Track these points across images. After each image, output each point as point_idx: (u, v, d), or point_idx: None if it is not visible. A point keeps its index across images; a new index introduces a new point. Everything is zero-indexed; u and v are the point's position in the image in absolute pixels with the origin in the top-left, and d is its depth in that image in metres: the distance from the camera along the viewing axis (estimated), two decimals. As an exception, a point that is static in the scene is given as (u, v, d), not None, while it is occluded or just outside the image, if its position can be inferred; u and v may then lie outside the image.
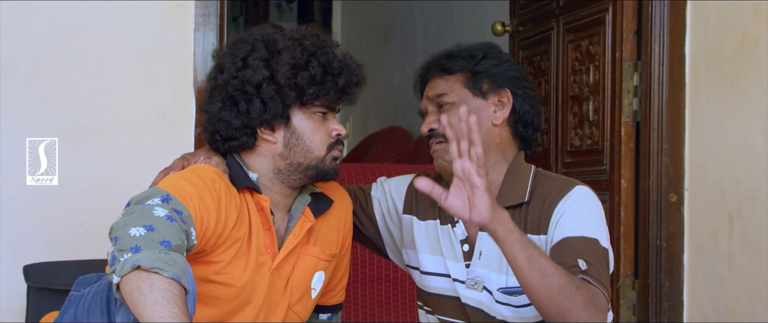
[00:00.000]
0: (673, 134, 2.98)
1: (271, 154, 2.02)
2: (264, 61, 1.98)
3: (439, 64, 2.16)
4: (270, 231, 2.02)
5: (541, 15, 3.52)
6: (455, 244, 2.14)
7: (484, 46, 2.18)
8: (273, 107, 1.98)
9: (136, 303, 1.67)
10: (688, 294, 2.96)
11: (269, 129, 2.01)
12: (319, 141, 2.02)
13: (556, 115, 3.38)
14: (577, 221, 2.03)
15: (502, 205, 2.06)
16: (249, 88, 1.98)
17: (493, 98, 2.14)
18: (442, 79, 2.15)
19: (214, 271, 1.95)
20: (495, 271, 2.09)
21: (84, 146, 2.79)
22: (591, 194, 2.10)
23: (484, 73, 2.13)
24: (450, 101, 2.12)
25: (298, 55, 1.98)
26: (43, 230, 2.77)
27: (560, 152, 3.36)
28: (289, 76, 1.97)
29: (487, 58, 2.14)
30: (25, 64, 2.77)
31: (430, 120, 2.14)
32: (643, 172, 3.02)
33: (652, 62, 3.00)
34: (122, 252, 1.72)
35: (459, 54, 2.16)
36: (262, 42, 2.00)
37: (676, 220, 2.98)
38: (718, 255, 2.84)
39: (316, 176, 2.04)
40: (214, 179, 1.95)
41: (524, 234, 1.91)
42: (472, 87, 2.13)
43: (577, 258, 1.96)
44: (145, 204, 1.81)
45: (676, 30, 2.98)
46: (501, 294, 2.08)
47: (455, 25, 5.07)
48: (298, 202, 2.07)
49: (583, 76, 3.25)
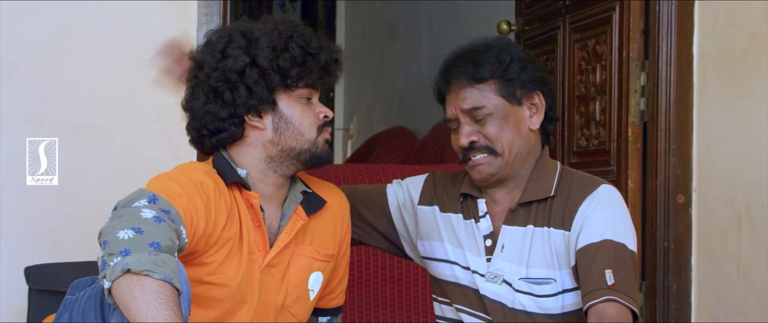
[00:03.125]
0: (680, 134, 2.97)
1: (261, 142, 2.02)
2: (243, 49, 1.98)
3: (466, 73, 2.12)
4: (261, 228, 2.00)
5: (547, 14, 3.52)
6: (478, 239, 2.14)
7: (505, 46, 2.15)
8: (258, 91, 1.98)
9: (128, 307, 1.66)
10: (696, 296, 2.95)
11: (257, 115, 2.00)
12: (308, 123, 2.02)
13: (562, 115, 3.37)
14: (604, 225, 2.03)
15: (528, 199, 2.11)
16: (232, 76, 1.97)
17: (527, 102, 2.14)
18: (473, 89, 2.11)
19: (208, 272, 1.94)
20: (515, 263, 2.10)
21: (84, 146, 2.80)
22: (616, 194, 2.10)
23: (515, 79, 2.12)
24: (488, 112, 2.10)
25: (276, 39, 1.99)
26: (43, 231, 2.77)
27: (566, 153, 3.37)
28: (270, 58, 1.97)
29: (514, 61, 2.12)
30: (25, 63, 2.78)
31: (468, 131, 2.11)
32: (651, 173, 3.02)
33: (659, 62, 2.99)
34: (111, 256, 1.71)
35: (486, 59, 2.12)
36: (239, 32, 2.01)
37: (683, 221, 2.98)
38: (726, 257, 2.84)
39: (310, 160, 2.03)
40: (203, 178, 1.94)
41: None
42: (506, 95, 2.11)
43: (605, 270, 1.97)
44: (132, 207, 1.80)
45: (684, 29, 2.97)
46: (522, 282, 2.09)
47: (460, 24, 5.04)
48: (290, 200, 2.06)
49: (589, 76, 3.25)
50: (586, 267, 2.00)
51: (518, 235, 2.11)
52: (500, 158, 2.10)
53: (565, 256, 2.08)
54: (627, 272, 1.99)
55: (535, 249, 2.10)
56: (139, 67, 2.75)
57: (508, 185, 2.15)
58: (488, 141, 2.10)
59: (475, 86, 2.11)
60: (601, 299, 1.96)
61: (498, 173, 2.11)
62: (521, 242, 2.11)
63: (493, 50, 2.13)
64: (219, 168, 2.01)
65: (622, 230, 2.04)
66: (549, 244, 2.09)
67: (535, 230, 2.10)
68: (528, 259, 2.09)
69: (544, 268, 2.09)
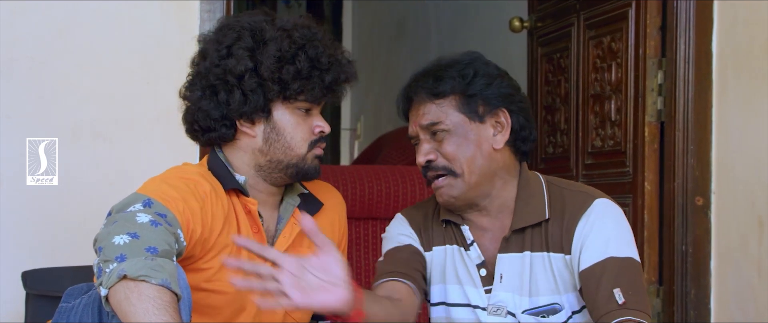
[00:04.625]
0: (699, 134, 2.95)
1: (250, 149, 2.00)
2: (249, 52, 1.95)
3: (427, 87, 2.06)
4: (259, 234, 2.00)
5: (561, 10, 3.50)
6: (471, 269, 2.09)
7: (472, 61, 2.08)
8: (254, 100, 1.95)
9: (126, 314, 1.65)
10: (716, 302, 2.93)
11: (249, 122, 1.99)
12: (300, 138, 1.99)
13: (576, 115, 3.36)
14: (605, 242, 2.00)
15: (521, 225, 2.06)
16: (230, 78, 1.95)
17: (490, 119, 2.06)
18: (432, 104, 2.06)
19: (205, 279, 1.93)
20: (517, 293, 2.05)
21: (84, 147, 2.79)
22: (612, 206, 2.06)
23: (477, 95, 2.05)
24: (446, 128, 2.04)
25: (285, 48, 1.95)
26: (41, 234, 2.77)
27: (581, 154, 3.35)
28: (273, 69, 1.94)
29: (478, 76, 2.05)
30: (24, 62, 2.77)
31: (426, 149, 2.06)
32: (668, 174, 3.00)
33: (677, 59, 2.97)
34: (107, 263, 1.70)
35: (448, 74, 2.06)
36: (249, 31, 1.97)
37: (702, 224, 2.95)
38: (747, 261, 2.81)
39: (297, 174, 2.01)
40: (198, 181, 1.93)
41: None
42: (467, 111, 2.04)
43: (613, 289, 1.95)
44: (126, 211, 1.79)
45: (703, 25, 2.95)
46: (527, 316, 2.04)
47: (471, 21, 5.05)
48: (287, 203, 2.06)
49: (604, 74, 3.23)
50: (594, 290, 1.97)
51: (516, 263, 2.06)
52: (460, 179, 2.03)
53: (570, 280, 2.04)
54: (635, 286, 1.97)
55: (537, 275, 2.05)
56: (139, 67, 2.84)
57: (488, 210, 2.09)
58: (446, 160, 2.04)
59: (434, 101, 2.05)
60: (615, 321, 1.94)
61: (461, 195, 2.04)
62: (520, 270, 2.05)
63: (457, 65, 2.07)
64: (216, 171, 2.00)
65: (623, 244, 2.01)
66: (551, 269, 2.05)
67: (534, 256, 2.05)
68: (529, 287, 2.04)
69: (548, 294, 2.05)
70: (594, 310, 1.97)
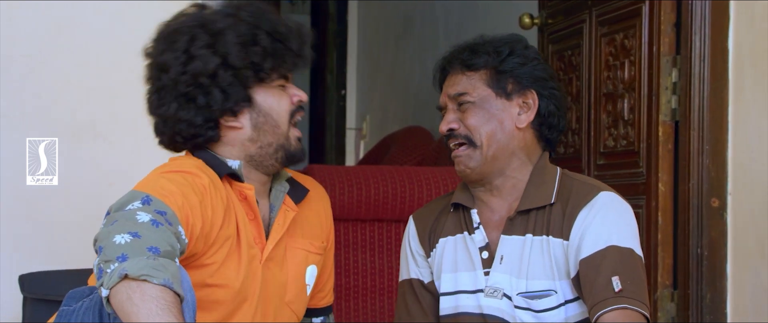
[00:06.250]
0: (714, 133, 2.93)
1: (239, 141, 2.00)
2: (210, 48, 1.94)
3: (461, 59, 2.16)
4: (256, 221, 2.00)
5: (572, 6, 3.48)
6: (473, 252, 2.13)
7: (511, 40, 2.17)
8: (234, 92, 1.95)
9: (128, 314, 1.64)
10: (732, 306, 2.91)
11: (232, 116, 1.98)
12: (284, 111, 2.01)
13: (588, 113, 3.34)
14: (607, 231, 2.03)
15: (527, 207, 2.11)
16: (203, 80, 1.94)
17: (518, 99, 2.13)
18: (463, 76, 2.15)
19: (209, 274, 1.93)
20: (515, 276, 2.09)
21: (83, 147, 2.79)
22: (617, 199, 2.09)
23: (508, 73, 2.13)
24: (471, 100, 2.12)
25: (243, 31, 1.95)
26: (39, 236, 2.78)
27: (593, 154, 3.33)
28: (241, 56, 1.94)
29: (514, 55, 2.14)
30: (21, 61, 2.77)
31: (450, 119, 2.14)
32: (683, 175, 2.97)
33: (692, 57, 2.94)
34: (108, 263, 1.69)
35: (483, 49, 2.14)
36: (200, 27, 1.97)
37: (718, 226, 2.92)
38: (764, 264, 2.78)
39: (286, 158, 2.03)
40: (197, 174, 1.91)
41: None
42: (496, 87, 2.12)
43: (612, 277, 1.97)
44: (126, 210, 1.78)
45: (719, 22, 2.92)
46: (521, 298, 2.07)
47: (480, 18, 5.05)
48: (277, 190, 2.06)
49: (617, 72, 3.21)
50: (592, 277, 1.99)
51: (517, 245, 2.10)
52: (479, 151, 2.10)
53: (564, 266, 2.06)
54: (635, 276, 1.99)
55: (534, 259, 2.08)
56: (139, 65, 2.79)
57: (500, 190, 2.14)
58: (467, 130, 2.11)
59: (466, 72, 2.14)
60: (610, 308, 1.95)
61: (477, 167, 2.11)
62: (520, 252, 2.09)
63: (495, 42, 2.16)
64: (208, 161, 1.98)
65: (626, 235, 2.03)
66: (548, 253, 2.07)
67: (534, 239, 2.09)
68: (527, 271, 2.07)
69: (543, 279, 2.07)
70: (591, 296, 1.98)
